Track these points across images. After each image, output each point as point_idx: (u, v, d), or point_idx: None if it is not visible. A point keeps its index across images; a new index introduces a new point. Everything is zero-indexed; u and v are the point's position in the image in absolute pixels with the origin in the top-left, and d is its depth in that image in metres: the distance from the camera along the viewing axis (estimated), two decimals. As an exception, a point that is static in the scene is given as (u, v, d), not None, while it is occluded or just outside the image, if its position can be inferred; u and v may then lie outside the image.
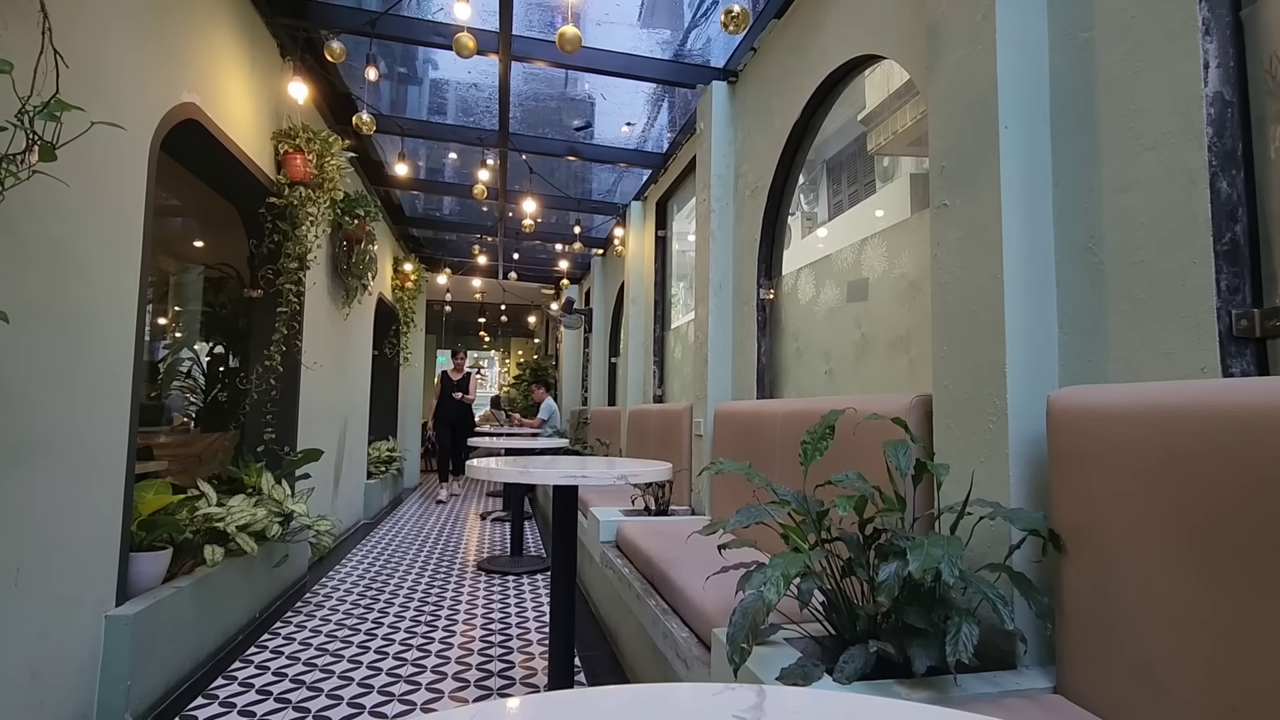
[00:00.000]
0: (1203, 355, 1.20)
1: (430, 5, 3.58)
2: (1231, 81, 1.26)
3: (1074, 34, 1.51)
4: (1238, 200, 1.23)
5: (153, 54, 2.27)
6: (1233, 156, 1.24)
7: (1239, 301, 1.20)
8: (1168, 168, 1.29)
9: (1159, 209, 1.30)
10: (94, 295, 1.98)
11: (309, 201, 3.56)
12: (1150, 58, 1.34)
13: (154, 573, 2.32)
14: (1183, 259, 1.25)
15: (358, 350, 5.58)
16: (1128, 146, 1.38)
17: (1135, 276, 1.34)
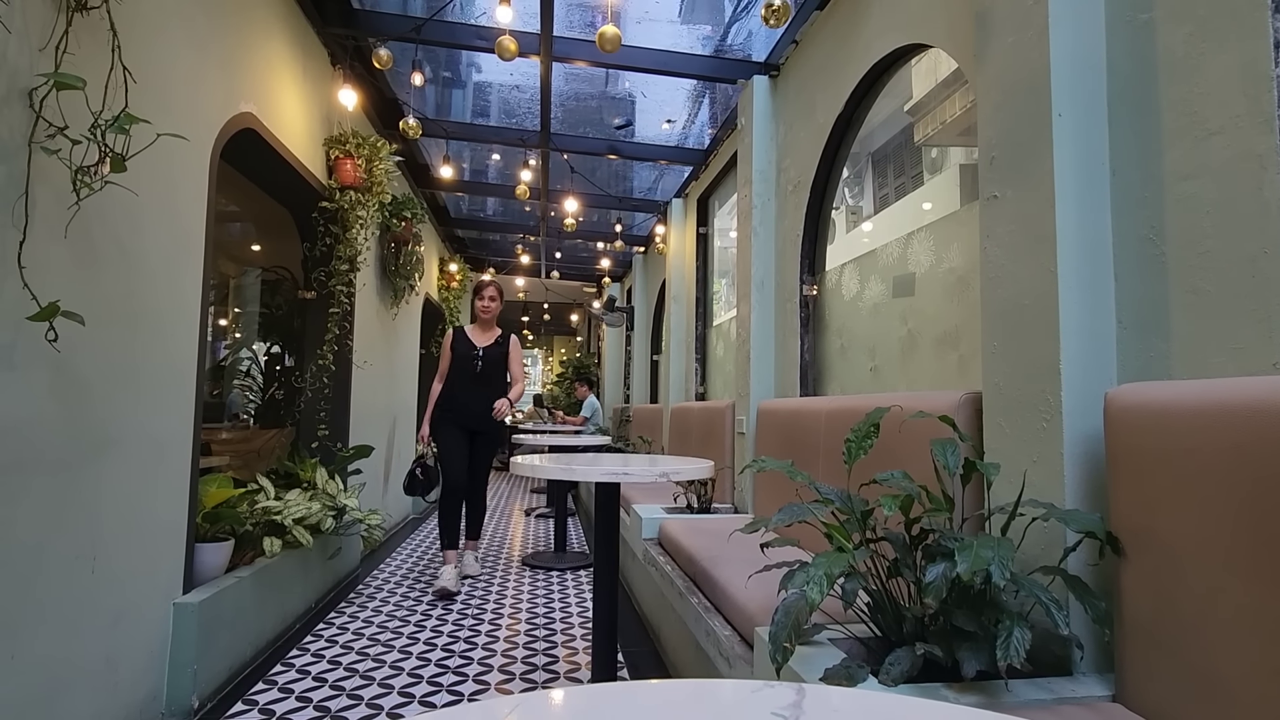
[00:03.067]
0: (1274, 350, 1.13)
1: (473, 10, 3.64)
2: (1306, 60, 1.19)
3: (1133, 16, 1.45)
4: (1313, 186, 1.16)
5: (213, 67, 2.37)
6: (1308, 140, 1.17)
7: (1315, 293, 1.13)
8: (1235, 153, 1.23)
9: (1226, 197, 1.24)
10: (160, 298, 2.08)
11: (359, 205, 3.66)
12: (1215, 38, 1.28)
13: (217, 563, 2.43)
14: (1252, 249, 1.19)
15: (406, 350, 5.72)
16: (1191, 132, 1.31)
17: (1200, 268, 1.28)
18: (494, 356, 3.83)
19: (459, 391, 3.77)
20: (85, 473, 1.75)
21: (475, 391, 3.76)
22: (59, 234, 1.60)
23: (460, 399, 3.77)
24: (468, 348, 3.80)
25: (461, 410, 3.76)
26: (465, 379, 3.77)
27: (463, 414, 3.75)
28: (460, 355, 3.80)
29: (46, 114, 1.51)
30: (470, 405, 3.75)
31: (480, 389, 3.77)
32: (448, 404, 3.78)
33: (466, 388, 3.77)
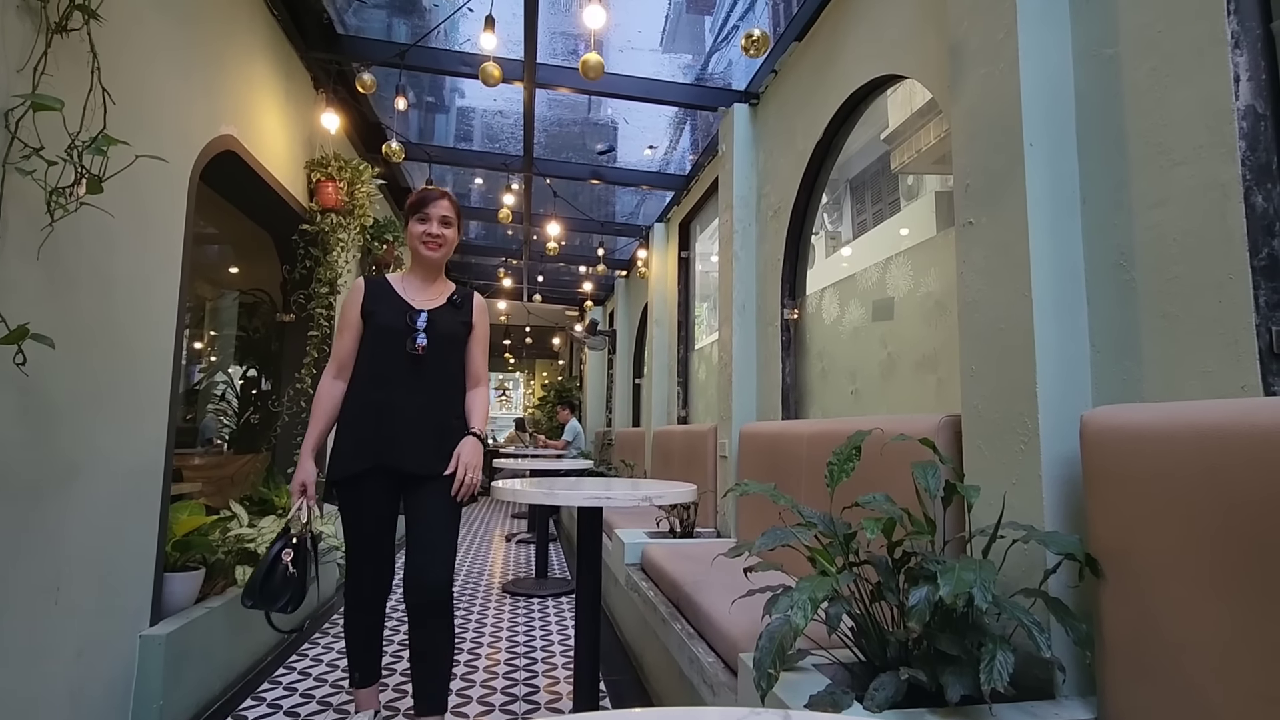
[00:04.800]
0: (1243, 373, 1.16)
1: (457, 36, 3.69)
2: (1264, 94, 1.24)
3: (1098, 50, 1.50)
4: (1274, 214, 1.20)
5: (194, 89, 2.36)
6: (1267, 170, 1.21)
7: (1279, 318, 1.16)
8: (1200, 182, 1.27)
9: (1192, 224, 1.28)
10: (135, 321, 2.05)
11: (340, 228, 3.65)
12: (1178, 73, 1.33)
13: (187, 593, 2.36)
14: (1218, 275, 1.22)
15: (386, 373, 5.66)
16: (1157, 162, 1.36)
17: (1169, 293, 1.32)
18: (446, 329, 2.04)
19: (375, 396, 1.97)
20: (50, 500, 1.70)
21: (407, 397, 1.97)
22: (31, 255, 1.57)
23: (376, 411, 1.95)
24: (394, 310, 2.01)
25: (380, 433, 1.94)
26: (388, 371, 1.98)
27: (382, 441, 1.94)
28: (379, 326, 2.00)
29: (22, 134, 1.49)
30: (397, 423, 1.95)
31: (416, 392, 1.98)
32: (352, 421, 1.97)
33: (390, 389, 1.97)
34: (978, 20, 1.68)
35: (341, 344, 2.04)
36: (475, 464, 1.97)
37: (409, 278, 2.11)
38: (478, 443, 2.01)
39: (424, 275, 2.10)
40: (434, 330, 2.00)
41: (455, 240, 2.10)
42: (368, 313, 2.02)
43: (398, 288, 2.07)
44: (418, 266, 2.10)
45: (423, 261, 2.07)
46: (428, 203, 2.03)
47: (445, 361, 2.05)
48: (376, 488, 1.96)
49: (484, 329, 2.15)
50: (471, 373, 2.12)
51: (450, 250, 2.09)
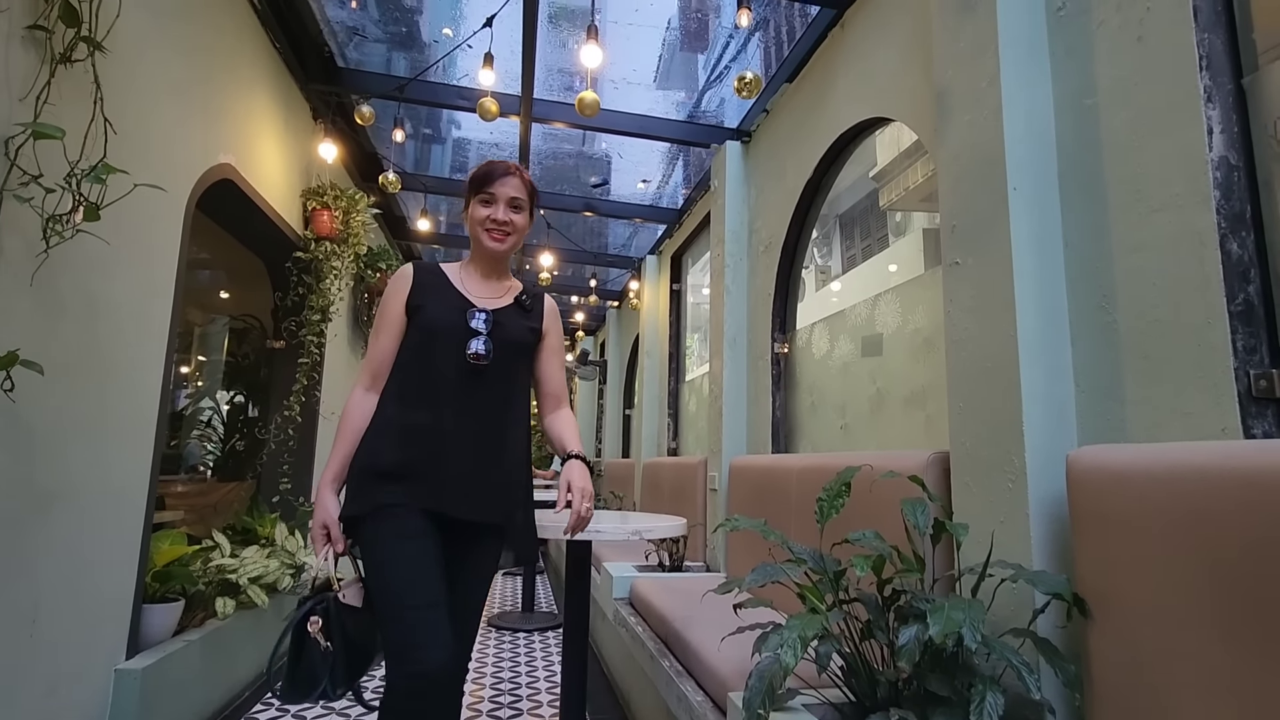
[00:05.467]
0: (1223, 416, 1.18)
1: (455, 71, 3.75)
2: (1236, 146, 1.28)
3: (1078, 100, 1.56)
4: (1249, 261, 1.24)
5: (195, 118, 2.39)
6: (1242, 219, 1.25)
7: (1257, 362, 1.19)
8: (1177, 229, 1.31)
9: (1171, 270, 1.31)
10: (125, 348, 2.04)
11: (334, 256, 3.66)
12: (1154, 124, 1.37)
13: (165, 625, 2.31)
14: (1197, 319, 1.25)
15: (375, 400, 5.63)
16: (1137, 208, 1.40)
17: (1151, 336, 1.34)
18: (514, 334, 1.61)
19: (417, 418, 1.50)
20: (30, 528, 1.67)
21: (460, 419, 1.51)
22: (24, 282, 1.57)
23: (418, 437, 1.48)
24: (449, 306, 1.57)
25: (421, 466, 1.47)
26: (437, 384, 1.52)
27: (423, 478, 1.46)
28: (429, 325, 1.55)
29: (21, 162, 1.51)
30: (447, 454, 1.48)
31: (471, 414, 1.52)
32: (381, 449, 1.49)
33: (438, 408, 1.50)
34: (962, 68, 1.74)
35: (378, 347, 1.56)
36: (590, 491, 1.53)
37: (467, 269, 1.66)
38: (584, 467, 1.56)
39: (485, 268, 1.65)
40: (499, 335, 1.54)
41: (526, 229, 1.64)
42: (414, 307, 1.55)
43: (454, 279, 1.62)
44: (478, 258, 1.65)
45: (484, 253, 1.62)
46: (493, 179, 1.57)
47: (511, 375, 1.59)
48: (416, 531, 1.41)
49: (558, 338, 1.74)
50: (550, 391, 1.73)
51: (520, 240, 1.62)
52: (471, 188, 1.61)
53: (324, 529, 1.48)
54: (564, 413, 1.73)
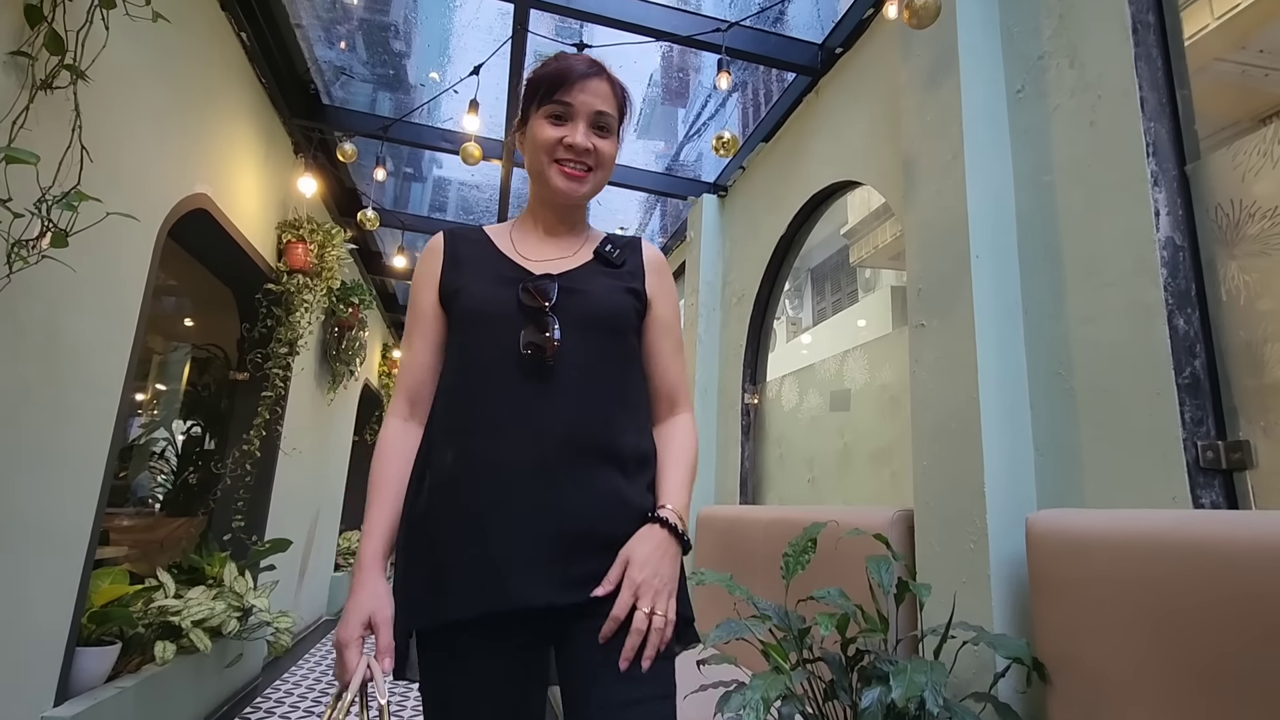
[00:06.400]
0: (1172, 485, 1.23)
1: (440, 114, 3.81)
2: (1182, 227, 1.36)
3: (1037, 177, 1.64)
4: (1195, 336, 1.30)
5: (173, 148, 2.38)
6: (1187, 296, 1.32)
7: (1203, 433, 1.24)
8: (1128, 303, 1.37)
9: (1122, 341, 1.37)
10: (82, 376, 1.98)
11: (306, 289, 3.62)
12: (1106, 203, 1.45)
13: (99, 670, 2.18)
14: (1147, 390, 1.30)
15: (339, 437, 5.51)
16: (1091, 281, 1.47)
17: (1104, 404, 1.39)
18: (597, 305, 1.02)
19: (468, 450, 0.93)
20: (-38, 564, 1.58)
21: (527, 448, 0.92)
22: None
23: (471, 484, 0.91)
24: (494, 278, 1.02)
25: (481, 532, 0.89)
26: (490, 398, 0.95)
27: (486, 555, 0.88)
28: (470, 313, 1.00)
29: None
30: (518, 506, 0.89)
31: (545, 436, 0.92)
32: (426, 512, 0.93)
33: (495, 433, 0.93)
34: (929, 141, 1.82)
35: (409, 359, 1.05)
36: (660, 586, 0.89)
37: (522, 226, 1.10)
38: (668, 540, 0.92)
39: (551, 221, 1.08)
40: (573, 307, 0.98)
41: (612, 162, 1.05)
42: (450, 292, 1.02)
43: (500, 242, 1.07)
44: (540, 207, 1.08)
45: (550, 198, 1.05)
46: (569, 82, 1.00)
47: (598, 367, 0.98)
48: (488, 655, 0.89)
49: (670, 307, 1.10)
50: (660, 388, 1.07)
51: (602, 183, 1.06)
52: (534, 96, 1.03)
53: (363, 632, 0.88)
54: (676, 429, 1.05)
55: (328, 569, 5.62)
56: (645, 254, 1.10)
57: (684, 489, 0.99)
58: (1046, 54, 1.66)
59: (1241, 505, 1.20)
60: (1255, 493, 1.19)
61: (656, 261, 1.11)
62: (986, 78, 1.75)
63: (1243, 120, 3.20)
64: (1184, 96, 1.44)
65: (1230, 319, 1.28)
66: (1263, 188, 1.25)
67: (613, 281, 1.05)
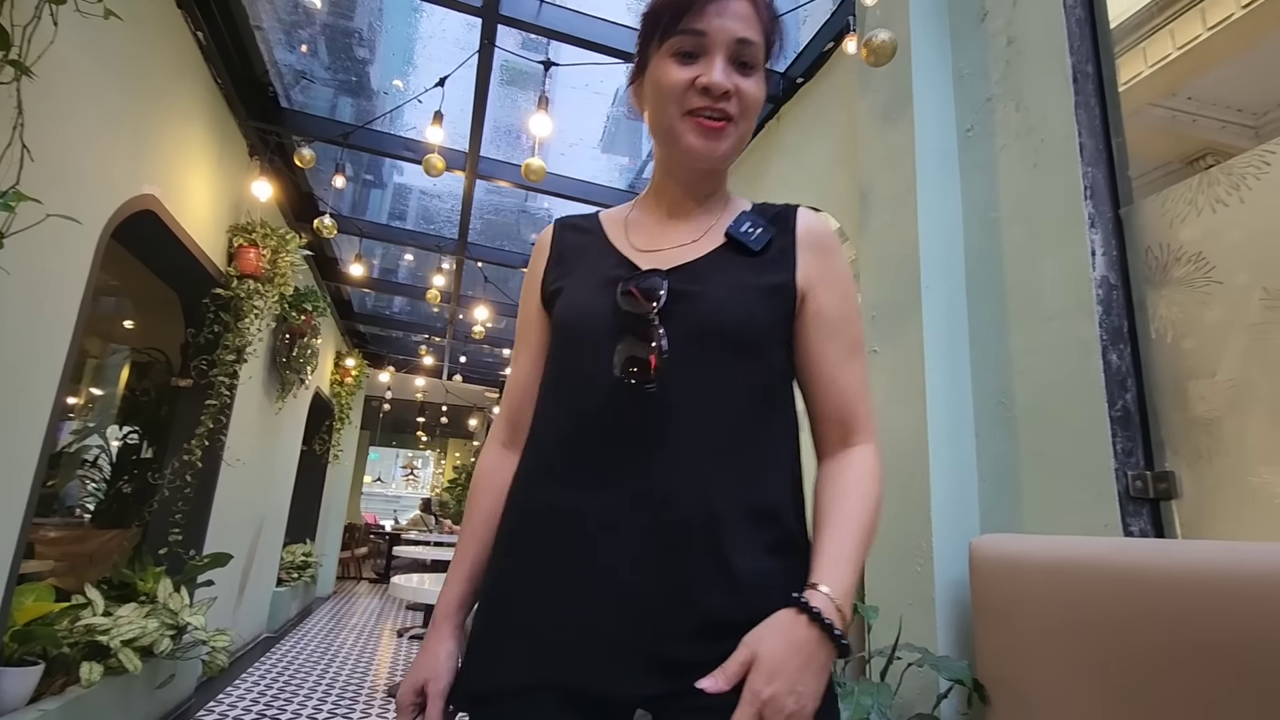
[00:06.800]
0: (1104, 512, 1.29)
1: (403, 123, 3.78)
2: (1116, 267, 1.44)
3: (984, 213, 1.71)
4: (1127, 371, 1.37)
5: (121, 146, 2.30)
6: (1120, 332, 1.40)
7: (1133, 464, 1.31)
8: (1066, 338, 1.44)
9: (1060, 373, 1.44)
10: (13, 379, 1.88)
11: (256, 295, 3.52)
12: (1047, 241, 1.53)
13: (19, 692, 2.06)
14: (1083, 421, 1.37)
15: (286, 447, 5.35)
16: (1033, 315, 1.54)
17: (1043, 433, 1.46)
18: (719, 305, 0.75)
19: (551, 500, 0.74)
20: None
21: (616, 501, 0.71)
22: (-97, 307, 1.44)
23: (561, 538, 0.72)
24: (597, 278, 0.79)
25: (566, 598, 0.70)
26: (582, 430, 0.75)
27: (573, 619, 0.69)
28: (567, 320, 0.80)
29: (-81, 182, 1.41)
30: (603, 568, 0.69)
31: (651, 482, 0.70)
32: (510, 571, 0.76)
33: (581, 479, 0.73)
34: (884, 173, 1.89)
35: (514, 374, 0.89)
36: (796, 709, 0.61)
37: (643, 205, 0.89)
38: (816, 640, 0.63)
39: (676, 194, 0.85)
40: (685, 316, 0.74)
41: (758, 110, 0.81)
42: (552, 292, 0.85)
43: (611, 230, 0.87)
44: (665, 178, 0.86)
45: (682, 162, 0.82)
46: (701, 3, 0.76)
47: (719, 397, 0.74)
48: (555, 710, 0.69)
49: (836, 292, 0.81)
50: (826, 409, 0.81)
51: (746, 138, 0.82)
52: (654, 29, 0.79)
53: (415, 698, 0.78)
54: (850, 468, 0.78)
55: (270, 584, 5.43)
56: (800, 228, 0.81)
57: (850, 561, 0.68)
58: (995, 96, 1.74)
59: (1167, 533, 1.26)
60: (1180, 521, 1.26)
61: (815, 236, 0.81)
62: (938, 116, 1.83)
63: (1173, 161, 3.39)
64: (1119, 144, 1.53)
65: (1159, 355, 1.36)
66: (1188, 233, 1.33)
67: (746, 276, 0.77)
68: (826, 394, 0.79)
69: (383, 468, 16.40)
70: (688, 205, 0.85)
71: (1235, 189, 1.25)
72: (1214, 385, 1.25)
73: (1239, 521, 1.19)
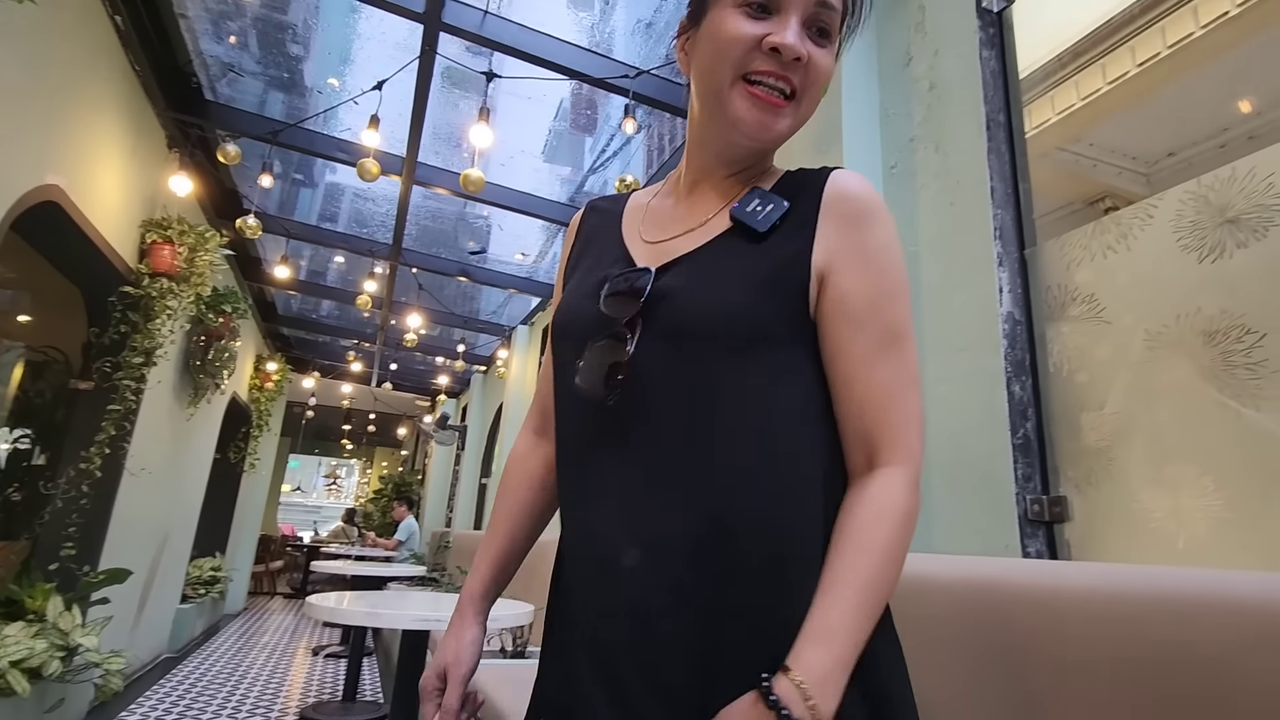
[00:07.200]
0: (1006, 534, 1.37)
1: (337, 123, 3.67)
2: (1020, 304, 1.55)
3: (905, 247, 1.80)
4: (1028, 402, 1.47)
5: (25, 133, 2.15)
6: (1023, 365, 1.50)
7: (1032, 489, 1.40)
8: (975, 369, 1.53)
9: (969, 402, 1.53)
10: (-119, 383, 1.72)
11: (170, 294, 3.34)
12: (960, 277, 1.63)
13: (-127, 726, 1.87)
14: (988, 448, 1.46)
15: (197, 455, 5.06)
16: (946, 345, 1.63)
17: (953, 459, 1.54)
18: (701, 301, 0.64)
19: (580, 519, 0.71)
20: None
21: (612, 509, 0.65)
22: None
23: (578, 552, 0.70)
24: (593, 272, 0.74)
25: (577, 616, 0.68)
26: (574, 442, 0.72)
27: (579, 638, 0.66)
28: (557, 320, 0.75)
29: None
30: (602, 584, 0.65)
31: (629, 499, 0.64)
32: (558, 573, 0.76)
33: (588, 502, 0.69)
34: (814, 204, 1.96)
35: (547, 360, 0.82)
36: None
37: (671, 181, 0.81)
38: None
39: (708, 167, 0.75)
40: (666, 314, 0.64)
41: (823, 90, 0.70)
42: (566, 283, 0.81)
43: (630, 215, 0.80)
44: (697, 150, 0.76)
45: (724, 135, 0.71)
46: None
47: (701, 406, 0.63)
48: None
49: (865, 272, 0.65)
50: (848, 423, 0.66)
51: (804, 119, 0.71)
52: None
53: (438, 682, 0.76)
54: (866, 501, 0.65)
55: (173, 600, 5.11)
56: (827, 193, 0.68)
57: (841, 633, 0.57)
58: (917, 137, 1.84)
59: (1060, 554, 1.36)
60: (1071, 543, 1.35)
61: (844, 202, 0.67)
62: (866, 152, 1.92)
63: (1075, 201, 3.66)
64: (1025, 189, 1.64)
65: (1056, 388, 1.47)
66: (1083, 276, 1.45)
67: (745, 262, 0.66)
68: (846, 399, 0.65)
69: (303, 476, 15.72)
70: (714, 182, 0.74)
71: (1123, 238, 1.37)
72: (1102, 416, 1.36)
73: (1122, 543, 1.29)
